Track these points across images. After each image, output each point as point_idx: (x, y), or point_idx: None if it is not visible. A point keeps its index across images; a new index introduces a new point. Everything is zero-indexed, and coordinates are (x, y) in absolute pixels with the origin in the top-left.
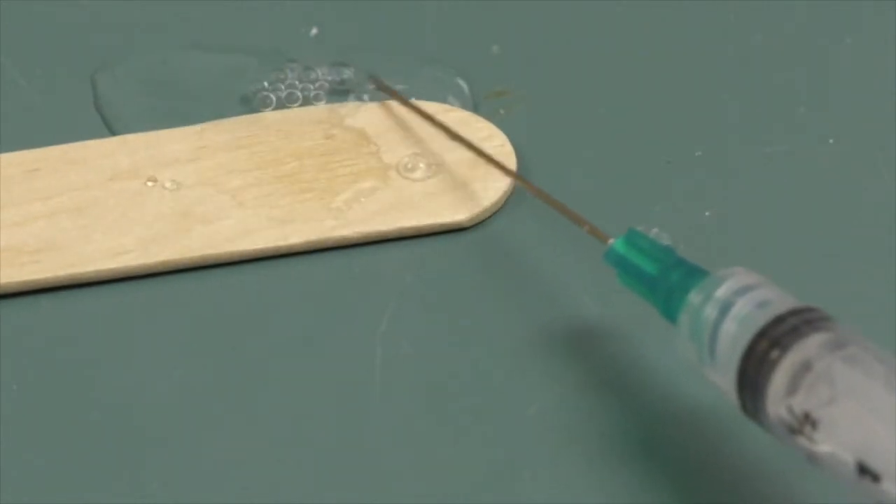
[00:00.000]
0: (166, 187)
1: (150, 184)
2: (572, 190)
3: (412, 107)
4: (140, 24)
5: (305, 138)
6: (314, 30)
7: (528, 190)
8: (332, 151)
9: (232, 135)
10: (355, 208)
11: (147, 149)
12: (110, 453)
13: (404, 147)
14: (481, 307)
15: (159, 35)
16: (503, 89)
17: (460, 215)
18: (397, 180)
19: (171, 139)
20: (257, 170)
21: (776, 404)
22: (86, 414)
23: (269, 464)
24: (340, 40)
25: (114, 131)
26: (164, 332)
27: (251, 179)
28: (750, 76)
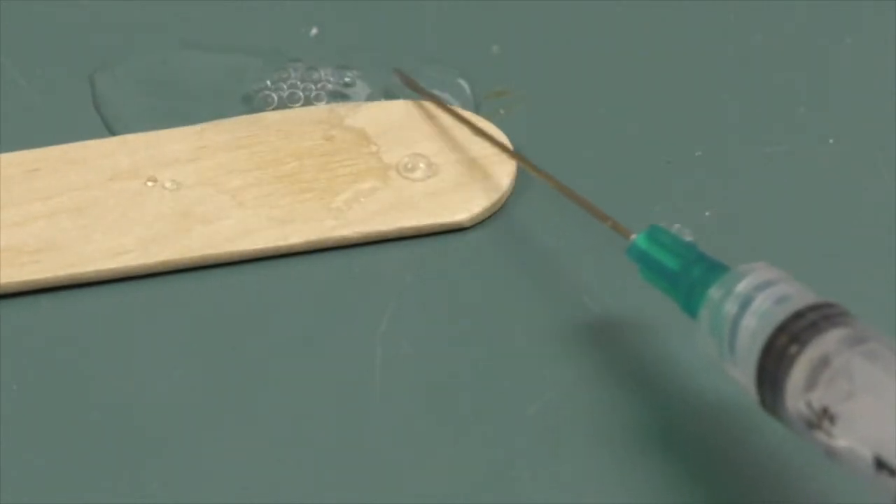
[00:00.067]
0: (166, 187)
1: (150, 184)
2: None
3: (436, 101)
4: (140, 24)
5: (305, 138)
6: (314, 30)
7: (553, 186)
8: (332, 151)
9: (232, 135)
10: (355, 208)
11: (147, 149)
12: (110, 453)
13: (404, 147)
14: (481, 307)
15: (159, 35)
16: (503, 89)
17: (460, 215)
18: (397, 180)
19: (171, 139)
20: (257, 170)
21: (795, 399)
22: (86, 414)
23: (269, 464)
24: (340, 40)
25: (113, 131)
26: (164, 332)
27: (251, 179)
28: (750, 76)
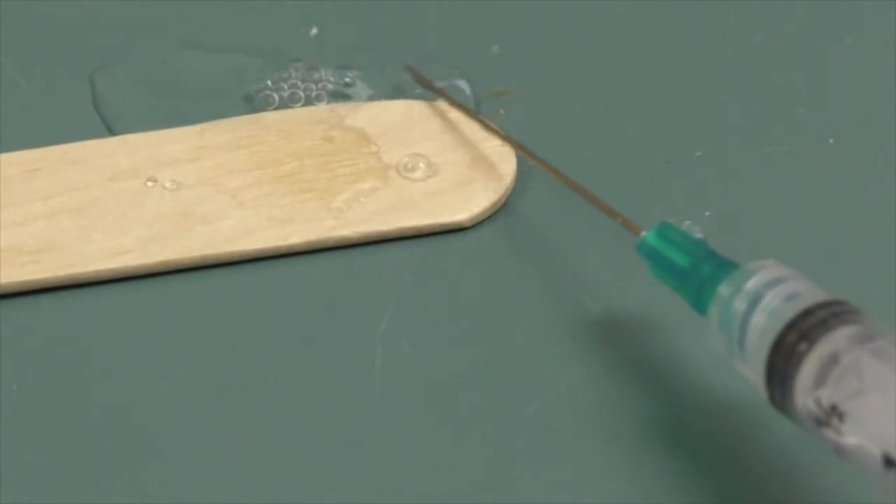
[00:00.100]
0: (166, 187)
1: (150, 184)
2: (572, 191)
3: (447, 97)
4: (140, 24)
5: (305, 138)
6: (314, 30)
7: (567, 185)
8: (332, 151)
9: (232, 135)
10: (355, 208)
11: (147, 149)
12: (110, 453)
13: (404, 147)
14: (481, 307)
15: (159, 35)
16: (503, 89)
17: (460, 215)
18: (397, 180)
19: (171, 139)
20: (257, 170)
21: (804, 396)
22: (86, 414)
23: (269, 464)
24: (340, 40)
25: (113, 131)
26: (164, 332)
27: (251, 179)
28: (750, 76)
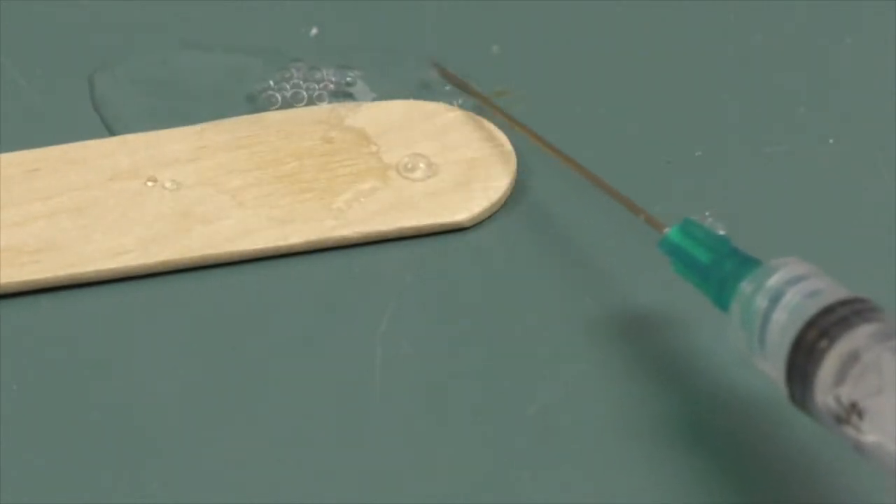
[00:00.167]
0: (166, 187)
1: (150, 184)
2: (572, 190)
3: (474, 92)
4: (140, 24)
5: (305, 138)
6: (314, 30)
7: (587, 178)
8: (332, 151)
9: (232, 135)
10: (355, 208)
11: (147, 149)
12: (110, 453)
13: (404, 147)
14: (481, 307)
15: (159, 35)
16: (503, 89)
17: (460, 215)
18: (397, 180)
19: (171, 139)
20: (257, 170)
21: (824, 394)
22: (86, 414)
23: (269, 464)
24: (340, 40)
25: (113, 131)
26: (164, 332)
27: (251, 179)
28: (750, 76)
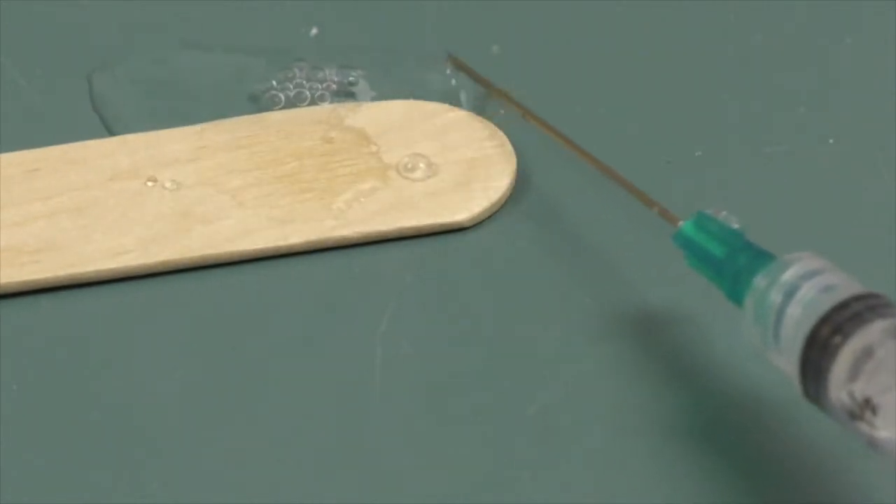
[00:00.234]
0: (166, 187)
1: (150, 184)
2: (573, 190)
3: (490, 87)
4: (140, 24)
5: (305, 138)
6: (314, 30)
7: (602, 172)
8: (332, 151)
9: (232, 135)
10: (355, 208)
11: (147, 149)
12: (110, 453)
13: (404, 147)
14: (481, 307)
15: (159, 35)
16: (503, 89)
17: (460, 215)
18: (397, 180)
19: (171, 139)
20: (257, 170)
21: (838, 389)
22: (86, 414)
23: (269, 464)
24: (341, 40)
25: (113, 131)
26: (164, 332)
27: (251, 179)
28: (750, 76)
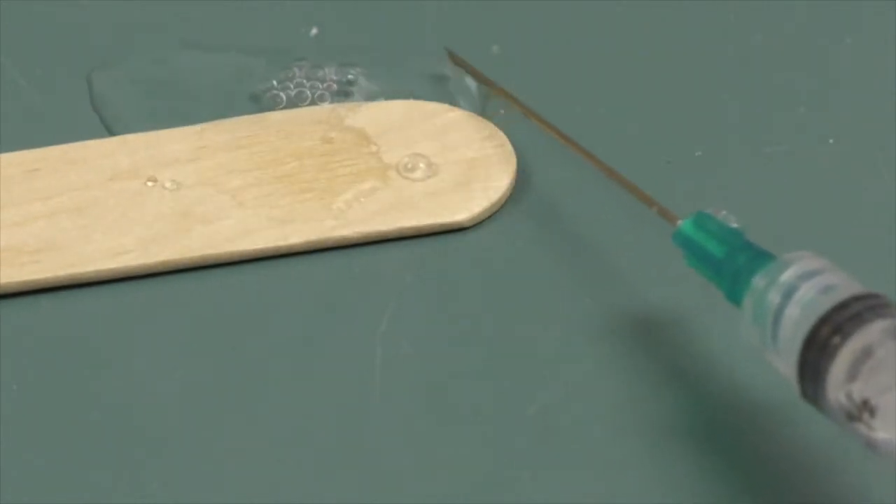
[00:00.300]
0: (166, 187)
1: (150, 184)
2: (572, 190)
3: (487, 82)
4: (140, 24)
5: (305, 138)
6: (314, 30)
7: (601, 170)
8: (332, 151)
9: (232, 135)
10: (355, 208)
11: (147, 149)
12: (110, 453)
13: (404, 147)
14: (481, 307)
15: (159, 35)
16: (503, 89)
17: (460, 215)
18: (397, 180)
19: (171, 139)
20: (257, 170)
21: (836, 390)
22: (86, 414)
23: (269, 464)
24: (341, 40)
25: (113, 131)
26: (164, 332)
27: (251, 179)
28: (750, 76)
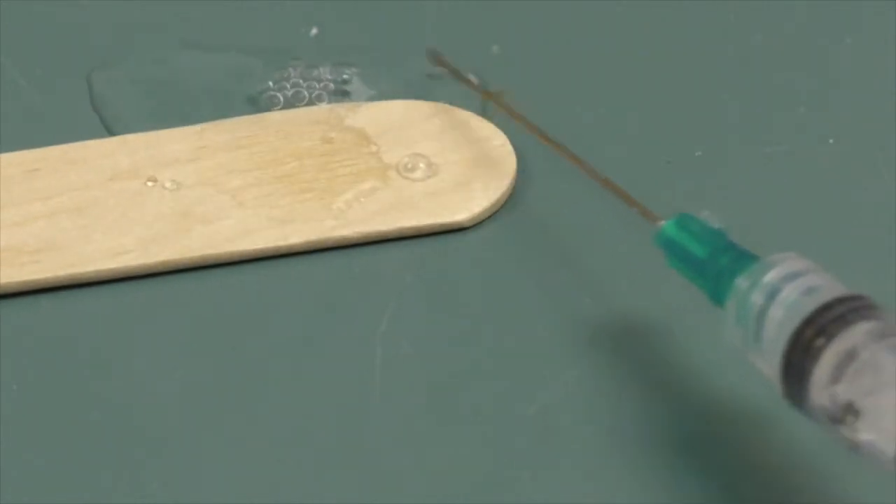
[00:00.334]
0: (166, 187)
1: (150, 184)
2: (573, 190)
3: (471, 85)
4: (140, 24)
5: (305, 138)
6: (314, 30)
7: (587, 173)
8: (332, 151)
9: (232, 135)
10: (355, 208)
11: (147, 149)
12: (110, 453)
13: (404, 147)
14: (481, 307)
15: (159, 35)
16: (503, 89)
17: (460, 215)
18: (397, 180)
19: (171, 139)
20: (257, 170)
21: (819, 392)
22: (86, 414)
23: (269, 464)
24: (340, 40)
25: (113, 131)
26: (164, 332)
27: (251, 179)
28: (750, 76)
